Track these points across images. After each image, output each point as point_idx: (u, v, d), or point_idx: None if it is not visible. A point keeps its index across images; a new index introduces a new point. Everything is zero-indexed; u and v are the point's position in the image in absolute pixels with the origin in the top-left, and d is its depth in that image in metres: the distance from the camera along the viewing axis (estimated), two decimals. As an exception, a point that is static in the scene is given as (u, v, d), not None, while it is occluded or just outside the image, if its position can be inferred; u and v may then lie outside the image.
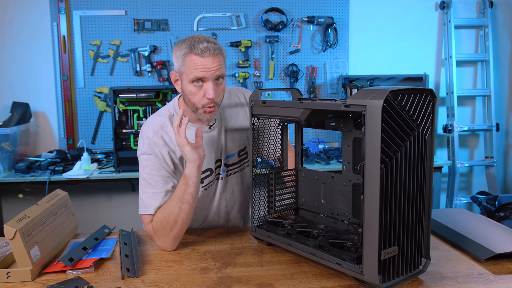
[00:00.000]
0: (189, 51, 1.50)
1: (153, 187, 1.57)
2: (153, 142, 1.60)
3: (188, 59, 1.51)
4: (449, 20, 3.78)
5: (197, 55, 1.49)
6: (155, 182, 1.57)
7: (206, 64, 1.49)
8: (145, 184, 1.59)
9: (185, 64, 1.52)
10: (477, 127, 3.92)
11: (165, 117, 1.66)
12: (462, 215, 1.76)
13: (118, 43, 3.60)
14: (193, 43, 1.50)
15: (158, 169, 1.59)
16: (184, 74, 1.54)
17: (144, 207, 1.57)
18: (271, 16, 3.70)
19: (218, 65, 1.52)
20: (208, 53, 1.49)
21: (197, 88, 1.53)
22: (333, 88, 3.80)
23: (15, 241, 1.27)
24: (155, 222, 1.53)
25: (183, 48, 1.52)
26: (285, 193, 1.65)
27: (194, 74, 1.50)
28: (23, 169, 3.14)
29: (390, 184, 1.14)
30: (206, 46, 1.49)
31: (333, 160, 3.42)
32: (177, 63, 1.55)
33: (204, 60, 1.49)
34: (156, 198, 1.56)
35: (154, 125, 1.65)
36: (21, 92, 3.57)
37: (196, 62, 1.49)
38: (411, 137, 1.18)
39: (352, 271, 1.22)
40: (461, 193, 4.03)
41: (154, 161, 1.59)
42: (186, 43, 1.52)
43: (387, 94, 1.10)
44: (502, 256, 1.38)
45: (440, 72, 3.95)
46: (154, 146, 1.60)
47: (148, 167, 1.59)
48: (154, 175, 1.58)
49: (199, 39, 1.52)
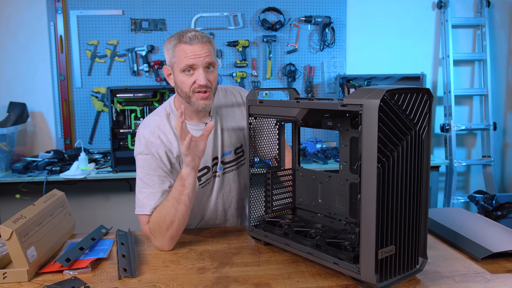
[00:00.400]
0: (178, 41, 1.55)
1: (149, 187, 1.57)
2: (150, 142, 1.60)
3: (178, 49, 1.55)
4: (446, 20, 3.78)
5: (185, 43, 1.54)
6: (152, 182, 1.57)
7: (195, 51, 1.53)
8: (141, 184, 1.59)
9: (175, 54, 1.56)
10: (474, 126, 3.93)
11: (162, 116, 1.66)
12: (459, 214, 1.76)
13: (115, 42, 3.59)
14: (181, 33, 1.56)
15: (154, 169, 1.59)
16: (175, 65, 1.57)
17: (140, 207, 1.57)
18: (269, 15, 3.70)
19: (207, 52, 1.55)
20: (197, 41, 1.54)
21: (188, 76, 1.55)
22: (331, 88, 3.81)
23: (11, 241, 1.27)
24: (151, 223, 1.53)
25: (172, 40, 1.57)
26: (282, 193, 1.65)
27: (184, 63, 1.54)
28: (20, 169, 3.13)
29: (387, 183, 1.14)
30: (194, 34, 1.54)
31: (331, 159, 3.42)
32: (168, 55, 1.60)
33: (193, 48, 1.53)
34: (153, 198, 1.56)
35: (150, 125, 1.65)
36: (18, 92, 3.56)
37: (186, 50, 1.53)
38: (407, 136, 1.18)
39: (349, 270, 1.22)
40: (458, 192, 4.03)
41: (150, 161, 1.59)
42: (175, 35, 1.58)
43: (384, 94, 1.10)
44: (499, 255, 1.38)
45: (437, 71, 3.96)
46: (151, 146, 1.60)
47: (144, 167, 1.59)
48: (150, 174, 1.58)
49: (188, 30, 1.58)
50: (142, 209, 1.56)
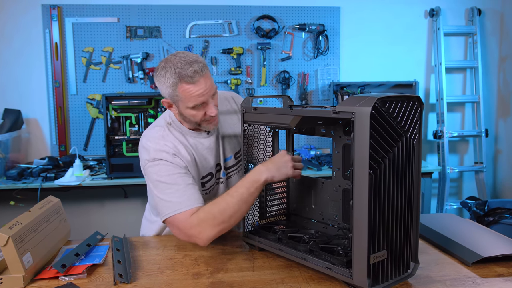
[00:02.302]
0: (179, 81, 1.47)
1: (174, 185, 1.50)
2: (157, 149, 1.56)
3: (181, 89, 1.49)
4: (438, 28, 3.83)
5: (188, 83, 1.47)
6: (174, 180, 1.51)
7: (200, 89, 1.49)
8: (163, 186, 1.51)
9: (178, 94, 1.50)
10: (466, 133, 3.97)
11: (163, 126, 1.64)
12: (450, 220, 1.79)
13: (110, 50, 3.61)
14: (179, 70, 1.47)
15: (172, 169, 1.53)
16: (180, 102, 1.52)
17: (173, 208, 1.48)
18: (263, 23, 3.73)
19: (210, 83, 1.51)
20: (198, 76, 1.47)
21: (198, 110, 1.53)
22: (325, 95, 3.84)
23: (7, 247, 1.28)
24: (205, 212, 1.45)
25: (169, 77, 1.48)
26: (276, 199, 1.67)
27: (193, 103, 1.50)
28: (14, 176, 3.13)
29: (378, 189, 1.16)
30: (193, 70, 1.46)
31: (325, 166, 3.44)
32: (167, 91, 1.52)
33: (198, 86, 1.48)
34: (183, 194, 1.49)
35: (154, 136, 1.61)
36: (13, 99, 3.56)
37: (191, 91, 1.48)
38: (399, 143, 1.21)
39: (342, 275, 1.24)
40: (451, 198, 4.06)
41: (164, 164, 1.54)
42: (171, 71, 1.48)
43: (375, 101, 1.12)
44: (489, 259, 1.41)
45: (430, 79, 4.01)
46: (160, 153, 1.56)
47: (161, 170, 1.53)
48: (170, 174, 1.51)
49: (181, 63, 1.47)
50: (177, 209, 1.47)
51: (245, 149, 1.58)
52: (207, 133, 1.68)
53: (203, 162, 1.67)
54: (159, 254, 1.56)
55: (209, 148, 1.68)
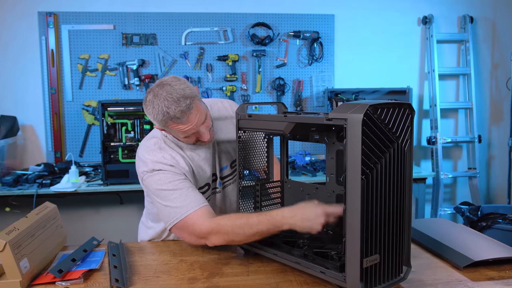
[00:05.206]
0: (167, 119, 1.47)
1: (176, 190, 1.51)
2: (155, 161, 1.57)
3: (170, 126, 1.50)
4: (431, 35, 3.88)
5: (177, 123, 1.48)
6: (175, 186, 1.52)
7: (190, 125, 1.50)
8: (165, 194, 1.52)
9: (169, 129, 1.53)
10: (460, 139, 4.01)
11: (160, 138, 1.65)
12: (443, 225, 1.81)
13: (106, 57, 3.63)
14: (166, 109, 1.45)
15: (172, 176, 1.54)
16: (172, 132, 1.56)
17: (180, 212, 1.48)
18: (258, 30, 3.77)
19: (200, 116, 1.51)
20: (186, 116, 1.47)
21: (190, 137, 1.56)
22: (319, 101, 3.87)
23: (4, 253, 1.29)
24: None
25: (157, 114, 1.47)
26: (271, 204, 1.68)
27: (183, 136, 1.54)
28: (10, 183, 3.13)
29: (371, 194, 1.19)
30: (180, 110, 1.45)
31: (320, 172, 3.46)
32: (156, 122, 1.52)
33: (186, 124, 1.49)
34: (187, 197, 1.50)
35: (151, 148, 1.62)
36: (9, 105, 3.57)
37: (180, 128, 1.50)
38: (390, 149, 1.23)
39: (335, 279, 1.26)
40: (445, 203, 4.09)
41: (164, 173, 1.55)
42: (158, 108, 1.46)
43: (367, 108, 1.15)
44: (480, 263, 1.43)
45: (423, 85, 4.05)
46: (159, 163, 1.57)
47: (161, 179, 1.54)
48: (171, 181, 1.53)
49: (168, 101, 1.45)
50: (183, 212, 1.48)
51: (240, 155, 1.60)
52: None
53: (201, 173, 1.68)
54: (155, 259, 1.57)
55: (206, 158, 1.69)
